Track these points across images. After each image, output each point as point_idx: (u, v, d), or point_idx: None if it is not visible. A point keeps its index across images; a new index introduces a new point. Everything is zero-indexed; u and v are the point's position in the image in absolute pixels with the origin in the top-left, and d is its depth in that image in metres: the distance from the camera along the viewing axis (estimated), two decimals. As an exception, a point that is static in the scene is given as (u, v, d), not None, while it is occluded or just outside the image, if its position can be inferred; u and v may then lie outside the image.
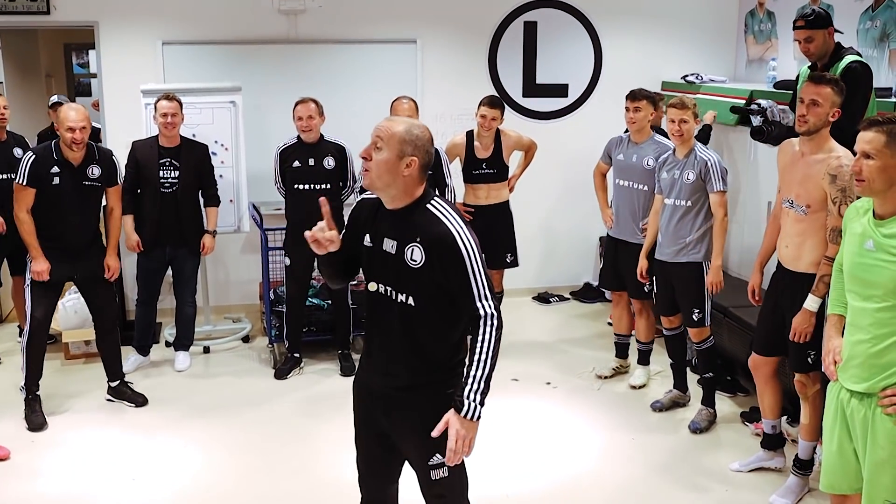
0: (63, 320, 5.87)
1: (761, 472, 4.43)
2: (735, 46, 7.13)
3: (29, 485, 4.31)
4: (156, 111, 5.48)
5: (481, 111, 5.64)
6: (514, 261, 5.96)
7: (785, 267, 4.06)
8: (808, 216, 3.88)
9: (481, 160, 5.73)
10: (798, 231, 3.94)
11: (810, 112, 3.77)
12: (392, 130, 2.67)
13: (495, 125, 5.67)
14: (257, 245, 6.42)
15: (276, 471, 4.45)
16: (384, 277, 2.78)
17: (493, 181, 5.77)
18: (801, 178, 3.89)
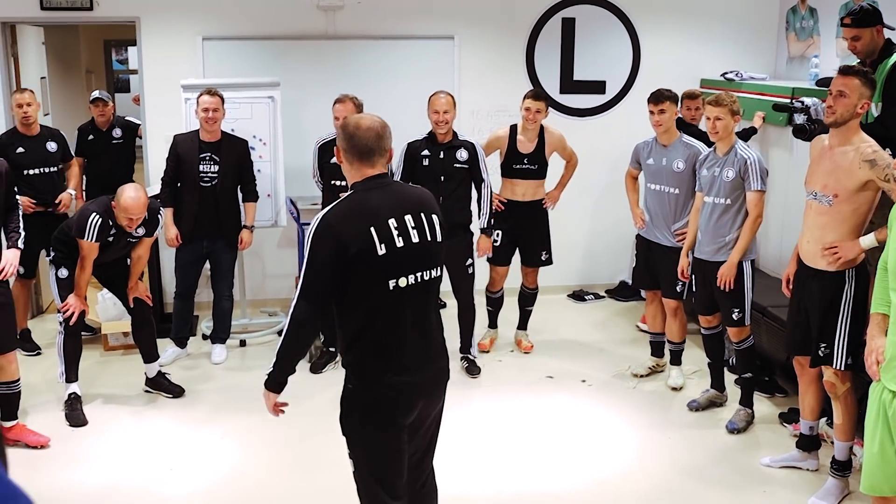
0: (102, 312, 5.94)
1: (800, 473, 4.38)
2: (776, 43, 7.05)
3: (67, 473, 4.37)
4: (197, 106, 5.53)
5: (526, 104, 5.61)
6: (548, 259, 5.93)
7: (806, 264, 4.04)
8: (832, 208, 3.87)
9: (523, 155, 5.70)
10: (820, 224, 3.93)
11: (837, 103, 3.79)
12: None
13: (540, 118, 5.64)
14: (294, 239, 6.46)
15: (311, 464, 4.47)
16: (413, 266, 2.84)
17: (532, 177, 5.74)
18: (830, 169, 3.88)
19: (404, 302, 2.81)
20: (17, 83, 6.69)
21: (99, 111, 6.63)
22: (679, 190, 5.16)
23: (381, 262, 2.74)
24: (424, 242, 2.83)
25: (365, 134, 2.82)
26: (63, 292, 4.98)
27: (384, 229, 2.75)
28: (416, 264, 2.82)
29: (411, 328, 2.85)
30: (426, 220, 2.86)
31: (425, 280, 2.85)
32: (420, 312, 2.87)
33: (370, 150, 2.82)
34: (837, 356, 3.94)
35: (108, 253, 5.03)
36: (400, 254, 2.77)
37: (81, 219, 4.86)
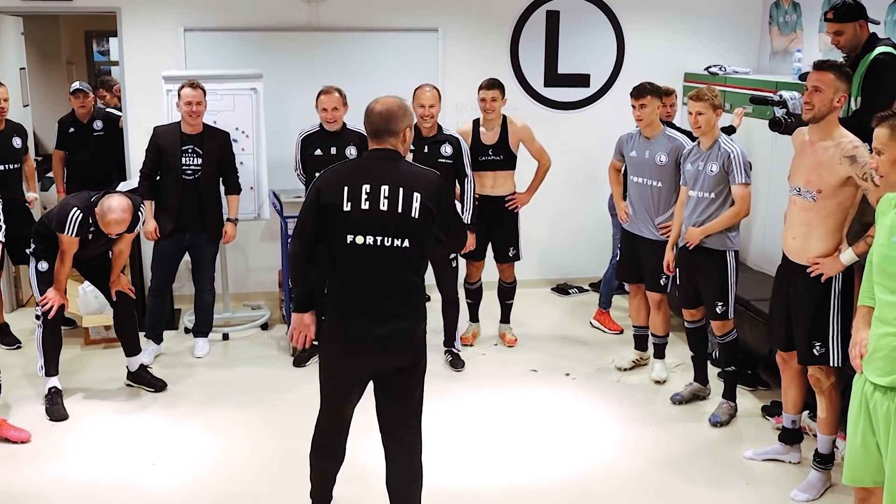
0: (83, 305, 5.89)
1: (782, 466, 4.40)
2: (759, 38, 7.07)
3: (49, 468, 4.34)
4: (179, 98, 5.47)
5: (481, 94, 5.60)
6: (516, 254, 5.90)
7: (791, 260, 4.05)
8: (816, 203, 3.88)
9: (487, 146, 5.67)
10: (805, 220, 3.94)
11: (813, 98, 3.81)
12: None
13: (496, 106, 5.61)
14: (277, 232, 6.43)
15: (294, 457, 4.41)
16: None
17: (499, 168, 5.70)
18: (812, 165, 3.89)
19: (363, 260, 3.20)
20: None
21: (79, 103, 6.56)
22: (662, 183, 5.16)
23: (344, 217, 3.18)
24: (393, 213, 3.17)
25: (375, 118, 3.28)
26: (42, 286, 4.94)
27: (355, 191, 3.18)
28: (376, 229, 3.18)
29: (368, 285, 3.22)
30: (404, 194, 3.18)
31: (385, 246, 3.18)
32: (380, 274, 3.22)
33: (377, 130, 3.27)
34: (833, 355, 3.94)
35: (89, 248, 4.99)
36: (362, 215, 3.18)
37: (62, 213, 4.81)
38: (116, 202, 4.79)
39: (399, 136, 3.28)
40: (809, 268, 3.93)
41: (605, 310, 6.36)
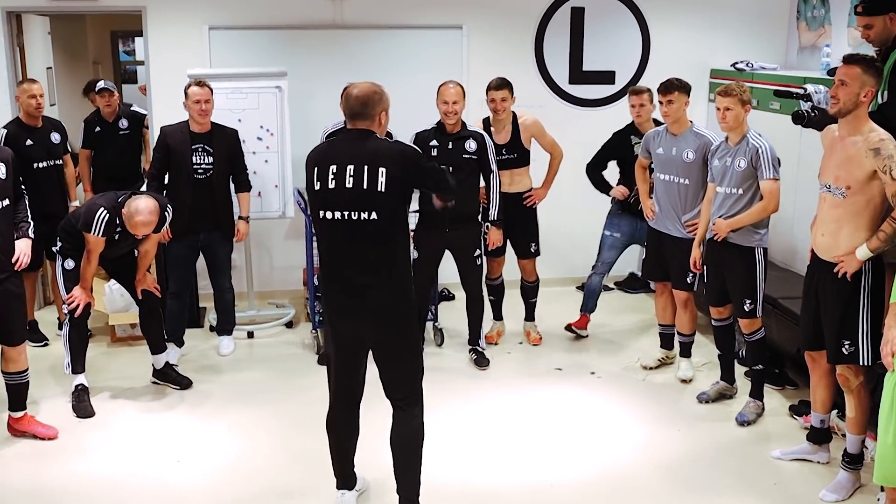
0: (109, 304, 5.92)
1: (810, 466, 4.35)
2: (787, 33, 6.99)
3: (75, 465, 4.37)
4: (187, 98, 5.47)
5: (490, 95, 5.59)
6: (536, 250, 5.89)
7: (820, 257, 3.99)
8: (846, 199, 3.82)
9: (500, 146, 5.64)
10: (834, 217, 3.88)
11: (839, 92, 3.77)
12: None
13: (506, 105, 5.59)
14: (302, 231, 6.43)
15: (317, 455, 4.41)
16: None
17: (514, 166, 5.68)
18: (841, 161, 3.84)
19: (338, 233, 3.45)
20: (24, 73, 6.67)
21: (105, 102, 6.60)
22: (689, 180, 5.11)
23: (314, 195, 3.46)
24: (357, 188, 3.37)
25: (353, 101, 3.47)
26: (69, 283, 4.97)
27: (323, 171, 3.42)
28: (344, 205, 3.39)
29: (340, 258, 3.49)
30: (369, 170, 3.37)
31: (354, 220, 3.40)
32: (355, 247, 3.45)
33: (354, 113, 3.47)
34: (863, 354, 3.89)
35: (115, 248, 5.01)
36: (330, 193, 3.41)
37: (89, 213, 4.83)
38: (143, 204, 4.81)
39: (374, 120, 3.47)
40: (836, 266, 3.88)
41: (588, 314, 6.20)
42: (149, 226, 4.82)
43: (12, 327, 4.44)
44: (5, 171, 4.29)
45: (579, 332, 6.11)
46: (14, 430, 4.62)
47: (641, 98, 5.63)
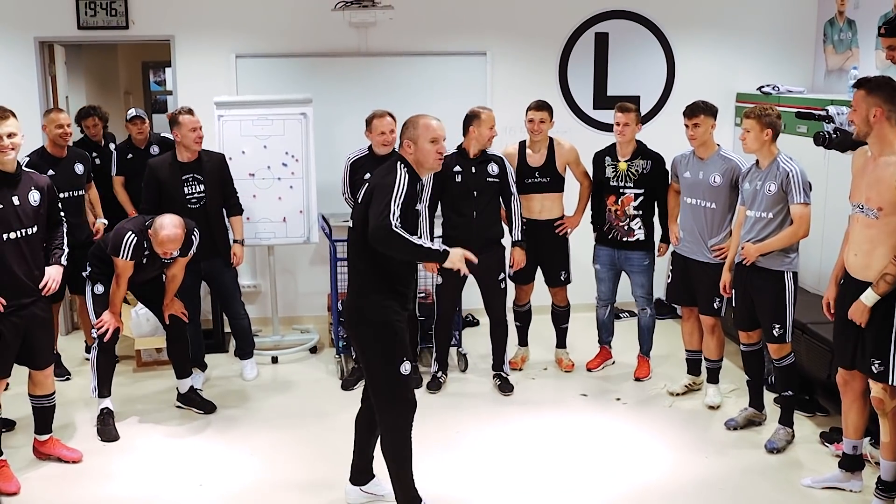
0: (135, 328, 5.96)
1: (842, 495, 4.25)
2: (814, 56, 6.95)
3: (99, 488, 4.38)
4: (179, 127, 5.45)
5: (529, 115, 5.59)
6: (567, 278, 5.85)
7: (853, 276, 3.93)
8: (879, 220, 3.77)
9: (534, 168, 5.64)
10: (868, 237, 3.83)
11: (852, 116, 3.84)
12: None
13: (545, 128, 5.59)
14: (326, 256, 6.45)
15: (341, 481, 4.41)
16: (417, 227, 3.75)
17: (546, 191, 5.67)
18: (872, 181, 3.80)
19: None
20: (55, 103, 6.77)
21: (137, 129, 6.67)
22: (716, 204, 5.07)
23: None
24: (358, 204, 3.77)
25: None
26: (98, 308, 5.00)
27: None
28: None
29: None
30: (368, 188, 3.73)
31: (350, 229, 3.89)
32: (349, 254, 3.92)
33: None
34: (893, 373, 3.81)
35: (143, 272, 5.05)
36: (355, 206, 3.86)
37: (117, 237, 4.88)
38: (168, 219, 4.86)
39: (402, 146, 3.76)
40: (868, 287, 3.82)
41: (607, 346, 6.11)
42: (175, 241, 4.84)
43: (39, 352, 4.47)
44: (39, 198, 4.33)
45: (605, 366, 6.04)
46: (39, 453, 4.65)
47: (627, 116, 5.48)
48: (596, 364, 5.96)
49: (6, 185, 4.17)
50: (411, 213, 3.64)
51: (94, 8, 6.44)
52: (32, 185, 4.32)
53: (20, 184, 4.24)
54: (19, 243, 4.21)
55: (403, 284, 3.79)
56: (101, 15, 6.46)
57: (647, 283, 5.70)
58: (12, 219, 4.17)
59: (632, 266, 5.68)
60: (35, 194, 4.31)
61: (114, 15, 6.46)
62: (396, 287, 3.76)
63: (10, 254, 4.17)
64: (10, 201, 4.16)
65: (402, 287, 3.79)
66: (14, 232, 4.18)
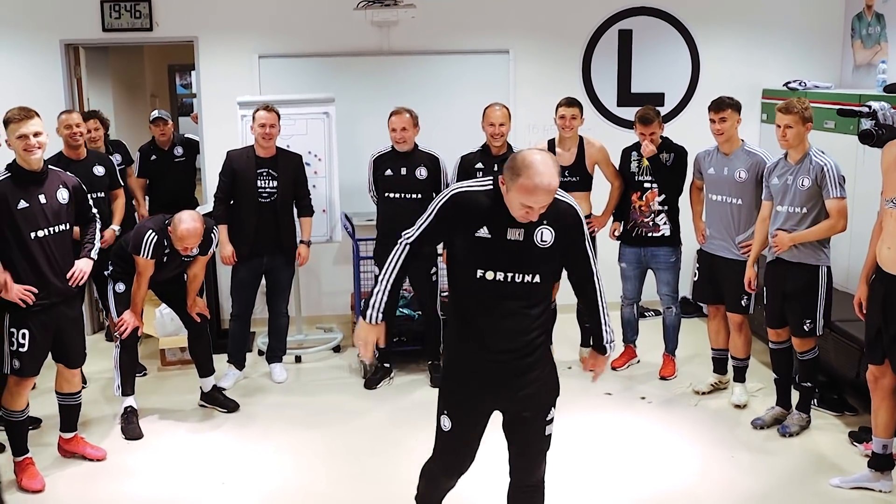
0: (160, 328, 5.99)
1: (871, 495, 4.18)
2: (841, 51, 6.86)
3: (122, 485, 4.39)
4: (254, 121, 5.52)
5: (560, 112, 5.56)
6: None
7: (885, 271, 3.87)
8: None
9: (563, 167, 5.59)
10: None
11: None
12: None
13: (575, 124, 5.56)
14: (349, 255, 6.45)
15: (364, 479, 4.42)
16: (511, 265, 2.97)
17: (574, 189, 5.58)
18: None
19: None
20: (81, 106, 6.82)
21: (160, 130, 6.72)
22: (742, 200, 5.01)
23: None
24: None
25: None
26: (119, 307, 5.03)
27: None
28: None
29: None
30: None
31: None
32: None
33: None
34: None
35: (164, 271, 5.06)
36: None
37: (138, 235, 4.90)
38: (187, 214, 4.88)
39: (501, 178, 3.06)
40: None
41: (632, 345, 6.06)
42: (195, 236, 4.84)
43: (71, 350, 4.50)
44: (68, 196, 4.35)
45: (630, 364, 5.98)
46: (64, 451, 4.67)
47: (651, 127, 5.42)
48: (621, 363, 5.91)
49: (33, 184, 4.19)
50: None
51: (119, 10, 6.48)
52: (60, 183, 4.34)
53: (47, 182, 4.27)
54: (48, 241, 4.23)
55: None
56: (125, 17, 6.50)
57: (673, 280, 5.64)
58: (40, 218, 4.19)
59: (658, 263, 5.62)
60: (63, 192, 4.33)
61: (138, 17, 6.50)
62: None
63: (38, 253, 4.19)
64: (37, 200, 4.19)
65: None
66: (42, 230, 4.20)
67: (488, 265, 2.97)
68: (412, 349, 5.96)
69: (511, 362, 3.06)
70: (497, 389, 3.10)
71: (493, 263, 2.97)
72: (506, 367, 3.07)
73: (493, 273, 2.96)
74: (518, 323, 3.02)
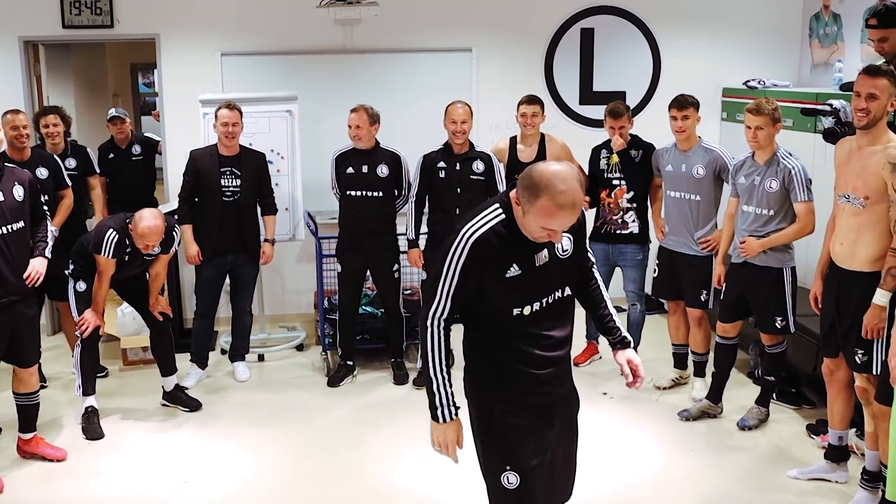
0: (121, 327, 5.94)
1: (829, 486, 4.25)
2: (799, 51, 6.96)
3: (83, 485, 4.35)
4: (216, 120, 5.49)
5: (521, 109, 5.60)
6: None
7: (838, 266, 3.94)
8: (865, 209, 3.78)
9: (525, 164, 5.61)
10: (854, 226, 3.83)
11: (869, 105, 3.73)
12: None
13: (536, 122, 5.60)
14: (312, 254, 6.43)
15: (327, 477, 4.42)
16: (545, 290, 2.72)
17: None
18: (859, 171, 3.80)
19: None
20: (41, 104, 6.75)
21: (117, 129, 6.67)
22: (700, 196, 5.07)
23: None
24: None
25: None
26: (80, 306, 4.98)
27: None
28: None
29: None
30: None
31: None
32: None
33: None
34: (876, 362, 3.81)
35: (126, 269, 5.02)
36: None
37: (98, 234, 4.86)
38: (147, 211, 4.86)
39: (514, 195, 2.76)
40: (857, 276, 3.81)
41: (594, 341, 6.10)
42: (155, 233, 4.80)
43: (25, 349, 4.46)
44: (23, 193, 4.31)
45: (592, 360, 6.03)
46: (23, 452, 4.62)
47: (621, 121, 5.47)
48: (583, 359, 5.95)
49: None
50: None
51: (79, 6, 6.41)
52: (15, 180, 4.30)
53: (3, 180, 4.22)
54: (6, 240, 4.19)
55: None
56: (85, 13, 6.43)
57: (640, 278, 5.69)
58: None
59: (626, 260, 5.65)
60: (19, 189, 4.29)
61: (98, 13, 6.44)
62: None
63: None
64: None
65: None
66: (0, 228, 4.16)
67: (525, 301, 2.69)
68: (375, 347, 5.97)
69: (556, 381, 2.84)
70: (553, 417, 2.86)
71: (529, 298, 2.69)
72: (554, 390, 2.85)
73: (530, 307, 2.69)
74: (557, 340, 2.79)
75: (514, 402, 2.78)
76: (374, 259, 5.59)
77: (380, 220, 5.54)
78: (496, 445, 2.81)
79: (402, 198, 5.65)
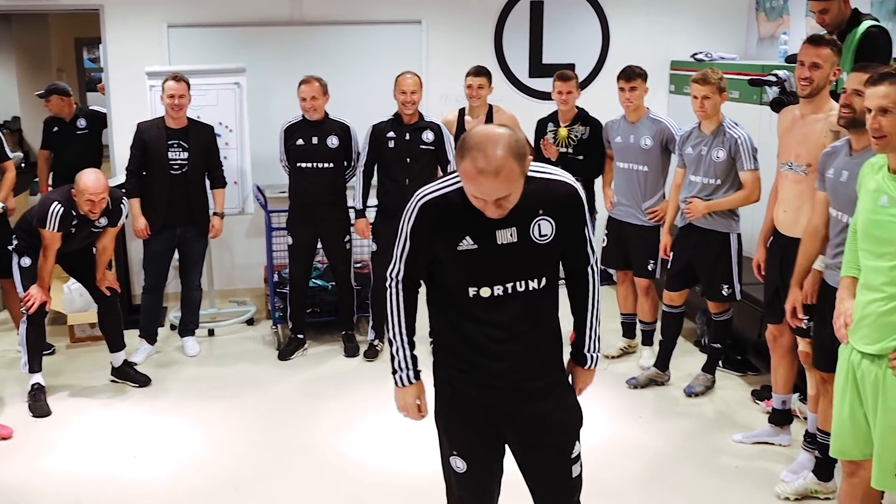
0: (68, 304, 5.84)
1: (772, 448, 4.36)
2: (746, 24, 7.03)
3: (31, 464, 4.30)
4: (163, 92, 5.41)
5: (467, 81, 5.59)
6: None
7: (782, 233, 4.02)
8: (807, 176, 3.85)
9: None
10: (796, 193, 3.91)
11: (813, 74, 3.79)
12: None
13: (483, 93, 5.59)
14: (262, 228, 6.38)
15: (277, 449, 4.41)
16: (508, 274, 2.48)
17: None
18: (801, 138, 3.88)
19: None
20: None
21: (53, 105, 6.51)
22: (648, 167, 5.12)
23: None
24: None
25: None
26: (26, 282, 4.88)
27: None
28: None
29: None
30: None
31: None
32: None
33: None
34: None
35: (72, 243, 4.94)
36: None
37: (43, 208, 4.77)
38: (87, 171, 4.76)
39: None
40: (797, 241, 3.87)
41: None
42: (100, 189, 4.69)
43: None
44: None
45: None
46: (-31, 431, 4.55)
47: (569, 85, 5.44)
48: None
49: None
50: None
51: (20, -25, 6.26)
52: None
53: None
54: None
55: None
56: (26, -18, 6.28)
57: None
58: None
59: None
60: None
61: (40, -17, 6.30)
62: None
63: None
64: None
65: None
66: None
67: (482, 281, 2.47)
68: (326, 320, 5.96)
69: (523, 385, 2.61)
70: (509, 417, 2.65)
71: (486, 279, 2.47)
72: (515, 393, 2.61)
73: (489, 290, 2.47)
74: (521, 336, 2.55)
75: (461, 390, 2.64)
76: (324, 230, 5.56)
77: (330, 191, 5.51)
78: (443, 427, 2.73)
79: (352, 169, 5.61)
